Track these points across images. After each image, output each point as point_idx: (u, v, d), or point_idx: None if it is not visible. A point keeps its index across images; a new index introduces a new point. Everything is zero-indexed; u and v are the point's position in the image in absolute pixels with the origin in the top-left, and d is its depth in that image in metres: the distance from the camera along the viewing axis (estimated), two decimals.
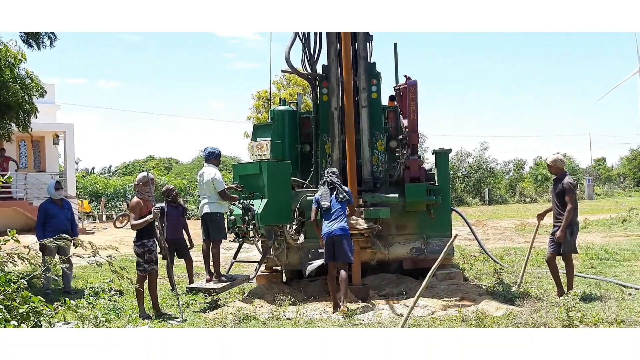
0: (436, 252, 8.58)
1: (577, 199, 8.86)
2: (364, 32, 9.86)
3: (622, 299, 8.37)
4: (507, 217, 28.65)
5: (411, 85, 9.75)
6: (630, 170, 64.97)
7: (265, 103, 37.49)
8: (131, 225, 8.37)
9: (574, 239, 8.76)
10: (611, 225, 20.86)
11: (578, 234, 8.92)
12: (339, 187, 8.59)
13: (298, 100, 11.47)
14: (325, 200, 8.58)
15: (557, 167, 8.86)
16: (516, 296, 8.56)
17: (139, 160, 63.50)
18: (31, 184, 24.08)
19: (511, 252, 14.57)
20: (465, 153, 51.21)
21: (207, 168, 9.28)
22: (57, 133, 25.99)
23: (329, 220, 8.49)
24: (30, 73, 12.27)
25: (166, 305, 9.15)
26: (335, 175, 8.75)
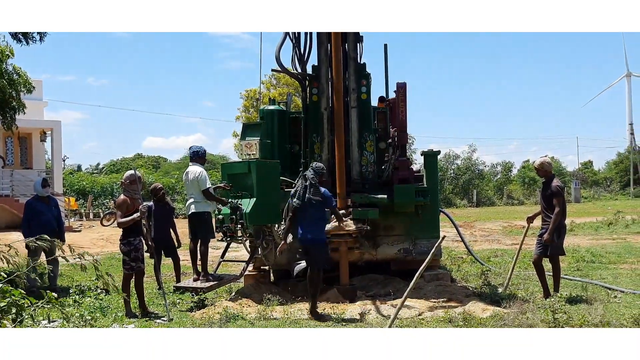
0: (424, 254, 8.58)
1: (565, 201, 8.91)
2: (354, 33, 9.87)
3: (607, 302, 8.42)
4: (494, 219, 28.79)
5: (400, 86, 9.79)
6: (616, 174, 65.57)
7: (255, 102, 37.46)
8: (117, 223, 8.32)
9: (561, 242, 8.81)
10: (597, 228, 21.01)
11: (565, 236, 8.97)
12: (311, 188, 8.15)
13: (288, 100, 11.46)
14: (298, 197, 8.18)
15: (545, 170, 8.89)
16: (503, 298, 8.60)
17: (126, 158, 63.31)
18: (18, 181, 23.94)
19: (498, 254, 14.62)
20: (454, 155, 51.44)
21: (192, 167, 9.27)
22: (44, 130, 25.84)
23: (302, 223, 8.21)
24: (18, 69, 12.16)
25: (153, 305, 9.10)
26: (316, 173, 8.27)
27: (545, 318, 7.05)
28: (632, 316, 7.27)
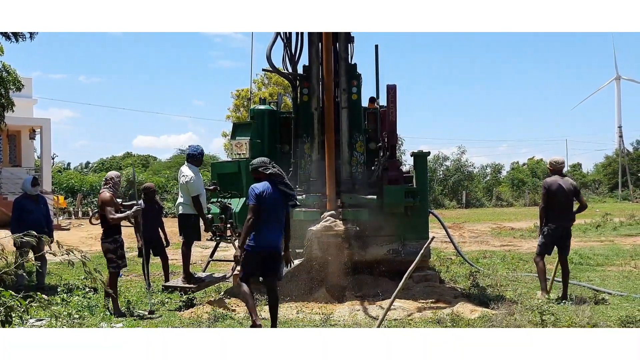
0: (413, 254, 8.60)
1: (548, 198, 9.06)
2: (345, 33, 9.86)
3: (595, 304, 8.48)
4: (483, 221, 28.91)
5: (390, 88, 9.83)
6: (605, 177, 66.04)
7: (246, 102, 37.44)
8: (111, 218, 8.28)
9: (544, 240, 9.03)
10: (585, 230, 21.14)
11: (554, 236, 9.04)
12: (286, 189, 7.20)
13: (278, 99, 11.45)
14: (270, 197, 7.06)
15: (554, 168, 9.16)
16: (491, 299, 8.63)
17: (116, 157, 63.08)
18: (6, 179, 23.82)
19: (487, 255, 14.68)
20: (443, 157, 51.60)
21: (186, 169, 9.08)
22: (33, 128, 25.71)
23: (268, 227, 7.04)
24: (8, 67, 12.08)
25: (141, 303, 9.07)
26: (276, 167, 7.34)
27: (533, 319, 7.09)
28: (619, 318, 7.33)
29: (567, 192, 8.93)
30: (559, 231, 8.98)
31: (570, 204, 8.99)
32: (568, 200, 8.96)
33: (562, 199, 8.94)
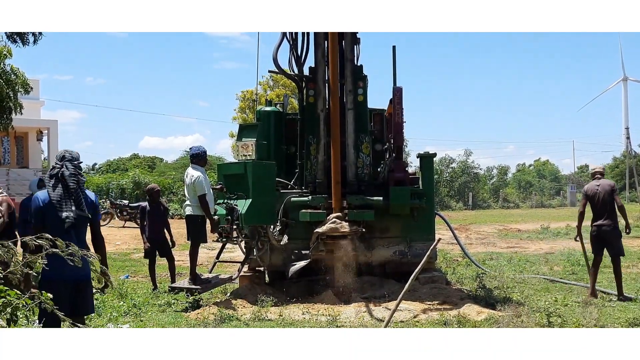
0: (419, 256, 8.59)
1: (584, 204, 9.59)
2: (351, 34, 9.87)
3: (602, 305, 8.44)
4: (490, 222, 28.84)
5: (396, 90, 9.82)
6: (612, 178, 65.63)
7: (251, 104, 37.47)
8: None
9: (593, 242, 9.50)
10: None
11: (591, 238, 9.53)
12: (79, 195, 5.35)
13: (284, 101, 11.46)
14: (67, 209, 5.17)
15: (591, 174, 9.89)
16: (498, 300, 8.61)
17: (123, 158, 63.21)
18: (13, 180, 23.90)
19: (494, 256, 14.65)
20: (449, 159, 51.58)
21: (191, 170, 9.17)
22: (41, 129, 25.80)
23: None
24: (16, 69, 12.16)
25: (148, 305, 9.08)
26: (74, 165, 5.54)
27: (540, 321, 7.07)
28: (627, 320, 7.30)
29: (603, 195, 9.32)
30: (600, 232, 9.35)
31: (606, 206, 9.32)
32: (604, 203, 9.31)
33: (598, 202, 9.35)
